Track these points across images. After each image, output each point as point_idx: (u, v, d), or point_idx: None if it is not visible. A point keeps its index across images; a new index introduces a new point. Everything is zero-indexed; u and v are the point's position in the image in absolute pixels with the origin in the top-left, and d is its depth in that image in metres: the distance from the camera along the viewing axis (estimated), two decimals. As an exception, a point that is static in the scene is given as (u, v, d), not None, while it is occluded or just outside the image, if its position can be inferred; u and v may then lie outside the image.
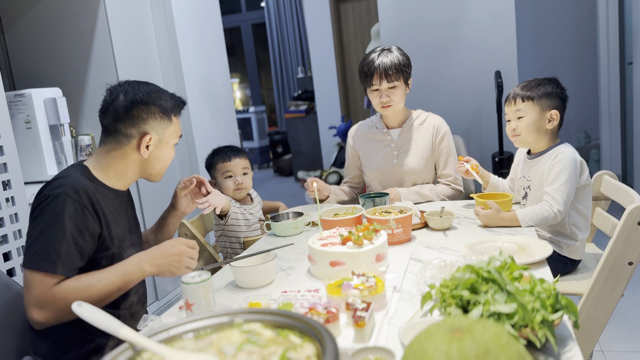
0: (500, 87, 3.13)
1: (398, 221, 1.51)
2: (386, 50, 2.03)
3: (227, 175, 1.97)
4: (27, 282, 1.22)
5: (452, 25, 3.44)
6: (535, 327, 0.82)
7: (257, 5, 8.55)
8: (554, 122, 1.71)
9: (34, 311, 1.20)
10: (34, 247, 1.23)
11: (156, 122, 1.39)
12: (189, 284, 1.09)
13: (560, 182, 1.63)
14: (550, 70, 5.02)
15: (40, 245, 1.22)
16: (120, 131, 1.36)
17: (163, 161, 1.44)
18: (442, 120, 2.14)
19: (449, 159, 2.09)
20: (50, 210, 1.24)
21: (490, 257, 0.94)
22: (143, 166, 1.42)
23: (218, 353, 0.70)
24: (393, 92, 2.00)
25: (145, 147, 1.38)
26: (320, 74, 5.92)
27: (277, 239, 1.77)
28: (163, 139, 1.41)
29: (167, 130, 1.41)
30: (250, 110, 8.12)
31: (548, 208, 1.62)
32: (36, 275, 1.21)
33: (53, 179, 1.32)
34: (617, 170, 4.40)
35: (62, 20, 2.74)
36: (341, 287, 1.08)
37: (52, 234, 1.22)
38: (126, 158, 1.39)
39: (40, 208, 1.26)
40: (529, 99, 1.71)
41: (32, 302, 1.20)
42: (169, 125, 1.42)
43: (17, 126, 2.41)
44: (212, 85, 3.53)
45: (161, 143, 1.41)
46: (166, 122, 1.41)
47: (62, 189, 1.26)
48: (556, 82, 1.74)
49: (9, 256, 1.94)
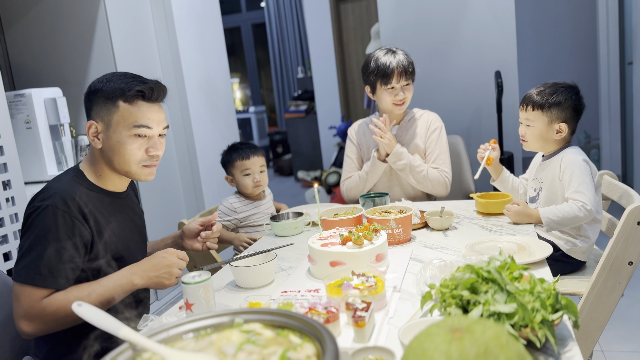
0: (500, 87, 3.13)
1: (398, 221, 1.52)
2: (393, 51, 2.08)
3: (246, 173, 2.01)
4: (17, 294, 1.21)
5: (452, 25, 3.44)
6: (535, 327, 0.82)
7: (257, 5, 8.54)
8: (562, 134, 1.69)
9: (23, 323, 1.20)
10: (23, 260, 1.22)
11: (100, 108, 1.32)
12: (189, 284, 1.09)
13: (576, 184, 1.61)
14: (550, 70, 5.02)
15: (30, 259, 1.21)
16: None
17: (121, 152, 1.32)
18: (437, 117, 2.17)
19: (439, 155, 2.10)
20: (39, 223, 1.23)
21: (490, 257, 0.94)
22: (107, 160, 1.35)
23: (218, 353, 0.70)
24: (407, 89, 2.07)
25: (95, 137, 1.33)
26: (320, 74, 5.92)
27: (277, 239, 1.77)
28: (111, 125, 1.32)
29: (113, 116, 1.31)
30: (250, 110, 8.12)
31: (576, 208, 1.59)
32: (25, 288, 1.20)
33: (44, 188, 1.30)
34: (617, 170, 4.40)
35: (62, 20, 2.74)
36: (341, 287, 1.08)
37: (41, 247, 1.21)
38: (94, 154, 1.37)
39: (30, 220, 1.25)
40: (538, 108, 1.69)
41: (21, 315, 1.20)
42: (115, 111, 1.31)
43: (17, 126, 2.41)
44: (212, 85, 3.53)
45: (109, 130, 1.32)
46: (109, 106, 1.31)
47: (51, 200, 1.24)
48: (573, 91, 1.69)
49: (9, 256, 1.94)
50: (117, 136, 1.32)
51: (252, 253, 1.41)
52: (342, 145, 5.63)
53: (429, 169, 2.07)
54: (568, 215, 1.59)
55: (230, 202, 2.03)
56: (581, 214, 1.58)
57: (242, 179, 2.01)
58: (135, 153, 1.33)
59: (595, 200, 1.61)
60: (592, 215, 1.59)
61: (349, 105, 6.05)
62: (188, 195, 3.31)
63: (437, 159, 2.10)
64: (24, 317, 1.20)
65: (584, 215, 1.59)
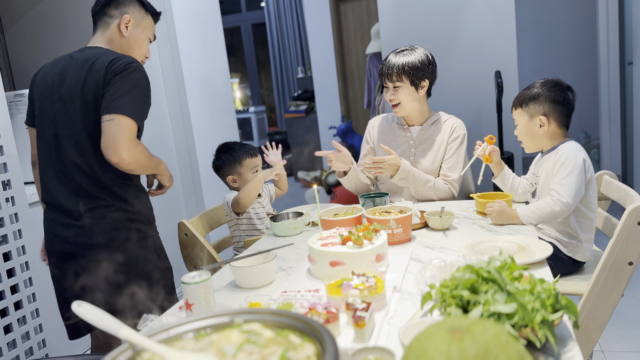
0: (500, 87, 3.13)
1: (398, 221, 1.51)
2: (405, 50, 2.04)
3: (255, 170, 2.05)
4: (120, 124, 1.44)
5: (452, 25, 3.44)
6: (535, 327, 0.82)
7: (257, 5, 8.55)
8: (545, 127, 1.71)
9: (123, 150, 1.43)
10: (124, 98, 1.47)
11: (135, 9, 1.69)
12: (189, 284, 1.09)
13: (562, 175, 1.62)
14: (550, 70, 5.02)
15: (132, 98, 1.48)
16: (106, 13, 1.66)
17: (139, 45, 1.71)
18: (461, 124, 2.11)
19: (454, 165, 2.05)
20: (136, 74, 1.52)
21: (490, 257, 0.94)
22: (125, 49, 1.68)
23: (218, 353, 0.70)
24: (398, 91, 2.03)
25: (125, 27, 1.66)
26: (320, 74, 5.92)
27: (277, 239, 1.77)
28: (140, 24, 1.70)
29: (144, 21, 1.72)
30: (250, 110, 8.12)
31: (551, 202, 1.61)
32: (129, 120, 1.46)
33: (116, 54, 1.55)
34: (617, 170, 4.40)
35: (62, 20, 2.74)
36: (341, 287, 1.08)
37: (138, 92, 1.51)
38: (113, 41, 1.67)
39: (130, 69, 1.51)
40: (518, 106, 1.75)
41: (121, 142, 1.43)
42: (146, 17, 1.72)
43: (17, 126, 2.41)
44: (212, 85, 3.53)
45: (138, 27, 1.70)
46: (143, 13, 1.71)
47: (136, 62, 1.55)
48: (549, 84, 1.72)
49: (9, 256, 1.93)
50: (142, 35, 1.72)
51: (252, 253, 1.41)
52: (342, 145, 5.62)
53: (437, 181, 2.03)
54: (544, 211, 1.61)
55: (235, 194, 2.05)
56: (557, 207, 1.60)
57: (250, 176, 2.04)
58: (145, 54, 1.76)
59: (577, 195, 1.61)
60: (569, 208, 1.60)
61: (349, 105, 6.04)
62: (188, 196, 3.31)
63: (452, 168, 2.05)
64: (124, 145, 1.43)
65: (560, 209, 1.60)
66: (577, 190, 1.61)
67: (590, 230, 1.72)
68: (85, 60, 1.56)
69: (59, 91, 1.57)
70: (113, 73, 1.50)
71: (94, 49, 1.61)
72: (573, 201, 1.60)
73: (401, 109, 2.06)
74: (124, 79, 1.50)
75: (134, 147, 1.47)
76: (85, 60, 1.55)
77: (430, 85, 2.08)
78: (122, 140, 1.44)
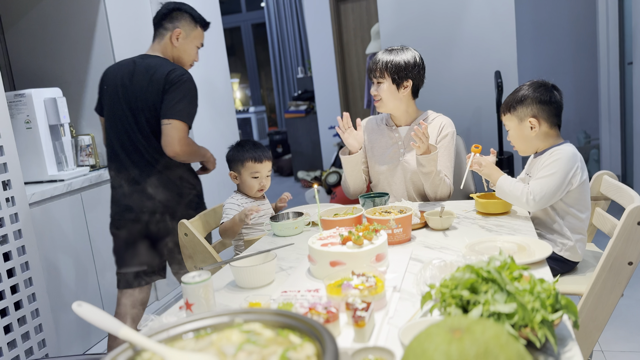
0: (500, 87, 3.13)
1: (398, 221, 1.51)
2: (394, 49, 2.06)
3: (255, 175, 2.03)
4: (176, 127, 1.94)
5: (452, 25, 3.44)
6: (535, 327, 0.82)
7: (257, 5, 8.55)
8: (537, 129, 1.71)
9: (179, 147, 1.95)
10: (179, 105, 1.95)
11: (186, 22, 2.08)
12: (189, 284, 1.09)
13: (543, 174, 1.65)
14: (550, 70, 5.02)
15: (184, 105, 1.96)
16: (162, 26, 2.08)
17: (187, 54, 2.13)
18: (450, 122, 2.11)
19: (445, 163, 2.05)
20: (189, 84, 1.99)
21: (490, 257, 0.94)
22: (175, 57, 2.11)
23: (218, 353, 0.70)
24: (379, 87, 2.05)
25: (176, 39, 2.07)
26: (320, 74, 5.92)
27: (277, 239, 1.77)
28: (190, 35, 2.10)
29: (193, 32, 2.11)
30: (250, 110, 8.12)
31: (525, 192, 1.64)
32: (182, 124, 1.95)
33: (170, 67, 2.00)
34: (617, 170, 4.40)
35: (62, 20, 2.74)
36: (341, 287, 1.08)
37: (189, 100, 1.98)
38: (166, 50, 2.10)
39: (183, 80, 1.97)
40: (507, 111, 1.76)
41: (176, 141, 1.94)
42: (195, 29, 2.11)
43: (17, 126, 2.41)
44: (212, 85, 3.53)
45: (188, 38, 2.10)
46: (193, 25, 2.10)
47: (187, 74, 2.01)
48: (535, 85, 1.72)
49: (9, 256, 1.93)
50: (191, 45, 2.13)
51: (252, 253, 1.41)
52: (342, 145, 5.63)
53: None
54: (515, 194, 1.65)
55: (236, 199, 2.05)
56: (523, 199, 1.64)
57: (249, 181, 2.03)
58: (192, 59, 2.21)
59: (547, 199, 1.63)
60: (534, 207, 1.64)
61: (349, 105, 6.05)
62: (188, 195, 3.31)
63: (443, 166, 2.04)
64: (178, 143, 1.95)
65: (525, 202, 1.64)
66: (551, 195, 1.63)
67: (581, 231, 1.72)
68: (146, 69, 2.00)
69: (125, 96, 2.03)
70: (170, 84, 1.95)
71: (153, 58, 2.05)
72: (540, 203, 1.63)
73: (382, 105, 2.08)
74: (178, 89, 1.95)
75: (186, 144, 1.97)
76: (146, 69, 1.99)
77: (416, 87, 2.07)
78: (176, 140, 1.94)
